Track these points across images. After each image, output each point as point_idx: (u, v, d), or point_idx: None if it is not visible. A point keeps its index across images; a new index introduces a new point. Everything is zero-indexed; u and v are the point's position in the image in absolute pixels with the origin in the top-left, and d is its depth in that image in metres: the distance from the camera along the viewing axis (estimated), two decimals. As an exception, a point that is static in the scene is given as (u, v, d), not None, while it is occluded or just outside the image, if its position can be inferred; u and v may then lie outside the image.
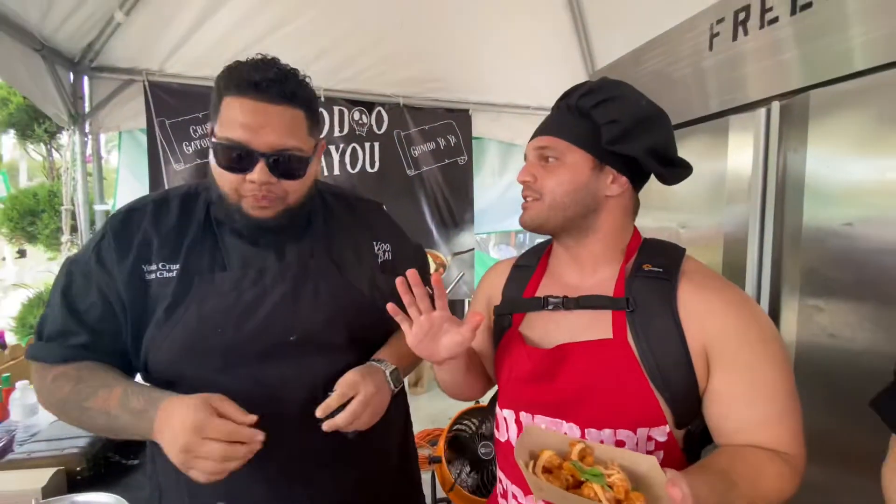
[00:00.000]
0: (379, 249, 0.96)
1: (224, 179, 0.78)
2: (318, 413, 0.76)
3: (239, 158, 0.75)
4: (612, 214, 0.75)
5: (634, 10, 2.39)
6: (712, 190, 1.26)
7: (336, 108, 2.82)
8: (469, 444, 2.02)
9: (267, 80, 0.75)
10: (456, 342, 0.72)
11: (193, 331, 0.78)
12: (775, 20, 1.14)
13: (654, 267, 0.71)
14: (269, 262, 0.84)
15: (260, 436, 0.68)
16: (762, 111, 1.13)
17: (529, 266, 0.86)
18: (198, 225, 0.83)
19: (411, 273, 0.70)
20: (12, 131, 4.97)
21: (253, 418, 0.69)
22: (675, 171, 0.74)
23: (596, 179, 0.73)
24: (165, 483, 0.86)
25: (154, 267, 0.80)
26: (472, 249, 3.26)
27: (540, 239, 0.91)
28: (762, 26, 1.17)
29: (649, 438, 0.68)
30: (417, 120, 3.01)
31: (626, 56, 1.67)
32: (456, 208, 3.17)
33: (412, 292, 0.71)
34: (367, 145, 2.93)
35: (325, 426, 0.77)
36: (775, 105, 1.11)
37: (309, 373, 0.83)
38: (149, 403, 0.71)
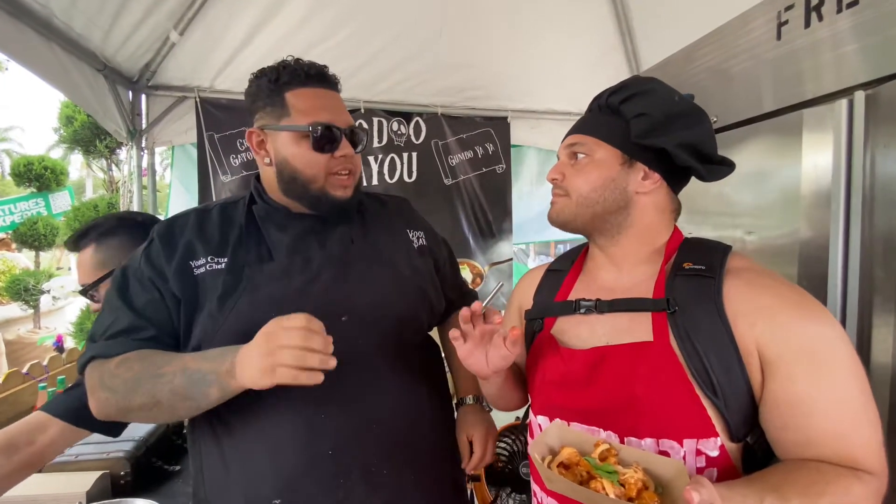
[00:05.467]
0: (413, 236, 1.01)
1: (314, 162, 0.85)
2: (470, 470, 0.95)
3: (330, 137, 0.84)
4: (645, 212, 0.72)
5: (681, 9, 2.28)
6: (784, 193, 1.14)
7: (375, 120, 2.86)
8: (509, 463, 1.93)
9: (325, 69, 0.89)
10: (501, 356, 0.71)
11: (248, 318, 0.79)
12: (854, 3, 1.03)
13: (696, 265, 0.67)
14: (312, 250, 0.87)
15: (329, 341, 0.70)
16: (843, 102, 1.01)
17: (563, 270, 0.84)
18: (239, 227, 0.87)
19: (476, 305, 0.72)
20: (79, 151, 5.38)
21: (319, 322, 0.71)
22: (714, 167, 0.70)
23: (625, 175, 0.72)
24: (213, 492, 0.84)
25: (202, 261, 0.82)
26: (510, 259, 3.18)
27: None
28: (839, 10, 1.06)
29: (699, 453, 0.61)
30: (455, 129, 2.99)
31: (678, 54, 1.58)
32: (493, 217, 3.11)
33: (472, 322, 0.72)
34: (404, 155, 2.93)
35: (469, 469, 0.95)
36: (859, 95, 0.99)
37: (362, 353, 0.84)
38: (226, 350, 0.73)
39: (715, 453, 0.61)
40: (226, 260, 0.83)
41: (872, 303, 0.97)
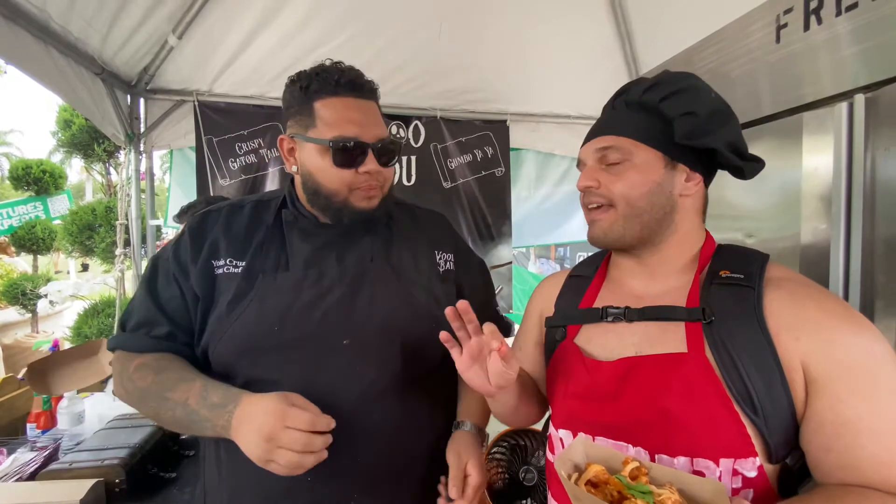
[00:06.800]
0: (440, 258, 0.95)
1: (336, 177, 0.81)
2: (453, 494, 0.79)
3: (353, 153, 0.80)
4: (688, 215, 0.69)
5: (680, 12, 2.28)
6: (785, 196, 1.14)
7: (374, 123, 2.85)
8: (510, 469, 1.91)
9: (359, 77, 0.83)
10: (498, 372, 0.65)
11: (252, 327, 0.79)
12: (854, 6, 1.03)
13: (734, 273, 0.64)
14: (329, 263, 0.84)
15: (333, 423, 0.70)
16: (842, 105, 1.01)
17: (586, 276, 0.80)
18: (266, 228, 0.86)
19: (461, 304, 0.66)
20: (77, 155, 5.36)
21: (329, 418, 0.71)
22: (750, 164, 0.68)
23: (670, 179, 0.67)
24: (209, 491, 0.86)
25: (222, 262, 0.82)
26: (510, 263, 3.17)
27: (584, 253, 0.85)
28: (839, 13, 1.05)
29: (735, 473, 0.58)
30: (454, 132, 2.99)
31: (678, 56, 1.57)
32: (493, 221, 3.11)
33: (461, 319, 0.66)
34: (403, 159, 2.93)
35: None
36: (859, 98, 0.99)
37: (358, 382, 0.81)
38: (227, 398, 0.72)
39: (752, 474, 0.58)
40: (243, 264, 0.82)
41: (874, 307, 0.96)
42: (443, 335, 0.68)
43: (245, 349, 0.79)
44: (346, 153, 0.79)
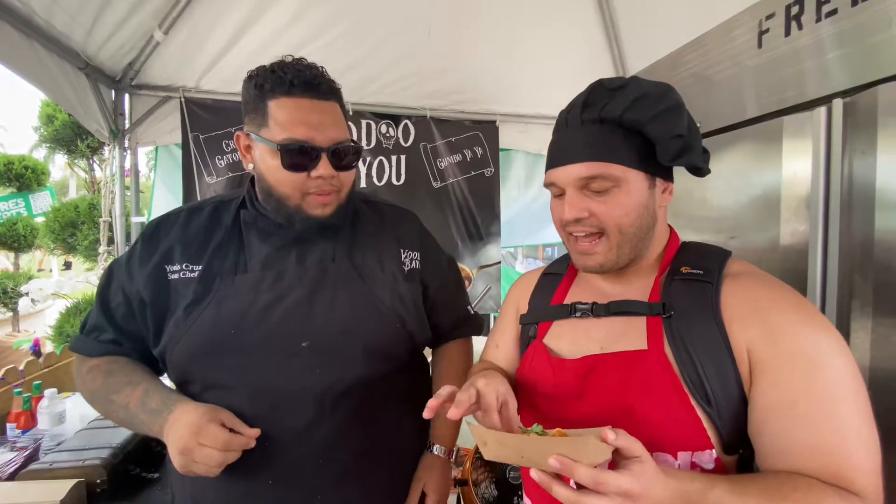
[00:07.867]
0: (406, 257, 0.93)
1: (287, 180, 0.78)
2: None
3: (305, 156, 0.76)
4: (662, 223, 0.71)
5: (668, 14, 2.31)
6: (765, 199, 1.16)
7: (363, 122, 2.84)
8: (497, 468, 1.92)
9: (315, 77, 0.78)
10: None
11: (209, 331, 0.78)
12: (833, 12, 1.05)
13: (694, 269, 0.65)
14: (288, 264, 0.83)
15: (253, 443, 0.71)
16: (821, 110, 1.03)
17: (558, 273, 0.82)
18: (224, 229, 0.84)
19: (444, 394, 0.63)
20: (60, 151, 5.27)
21: (256, 432, 0.72)
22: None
23: (653, 196, 0.67)
24: (176, 494, 0.87)
25: (177, 267, 0.81)
26: (499, 263, 3.19)
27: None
28: (819, 20, 1.08)
29: (693, 465, 0.60)
30: (444, 132, 2.99)
31: (663, 60, 1.60)
32: (482, 221, 3.12)
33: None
34: (393, 158, 2.92)
35: None
36: (837, 102, 1.01)
37: (319, 383, 0.80)
38: (164, 405, 0.73)
39: (710, 466, 0.59)
40: (200, 268, 0.80)
41: (850, 307, 0.99)
42: (428, 407, 0.62)
43: (201, 353, 0.78)
44: (297, 156, 0.76)
